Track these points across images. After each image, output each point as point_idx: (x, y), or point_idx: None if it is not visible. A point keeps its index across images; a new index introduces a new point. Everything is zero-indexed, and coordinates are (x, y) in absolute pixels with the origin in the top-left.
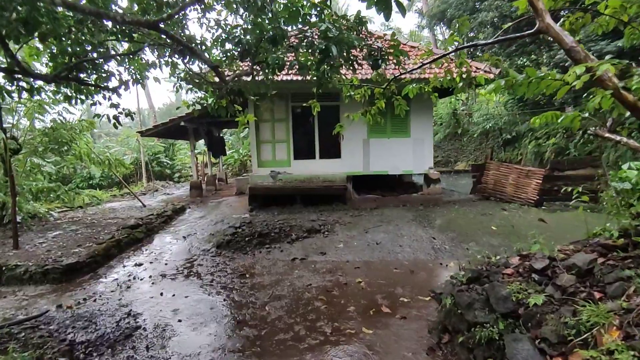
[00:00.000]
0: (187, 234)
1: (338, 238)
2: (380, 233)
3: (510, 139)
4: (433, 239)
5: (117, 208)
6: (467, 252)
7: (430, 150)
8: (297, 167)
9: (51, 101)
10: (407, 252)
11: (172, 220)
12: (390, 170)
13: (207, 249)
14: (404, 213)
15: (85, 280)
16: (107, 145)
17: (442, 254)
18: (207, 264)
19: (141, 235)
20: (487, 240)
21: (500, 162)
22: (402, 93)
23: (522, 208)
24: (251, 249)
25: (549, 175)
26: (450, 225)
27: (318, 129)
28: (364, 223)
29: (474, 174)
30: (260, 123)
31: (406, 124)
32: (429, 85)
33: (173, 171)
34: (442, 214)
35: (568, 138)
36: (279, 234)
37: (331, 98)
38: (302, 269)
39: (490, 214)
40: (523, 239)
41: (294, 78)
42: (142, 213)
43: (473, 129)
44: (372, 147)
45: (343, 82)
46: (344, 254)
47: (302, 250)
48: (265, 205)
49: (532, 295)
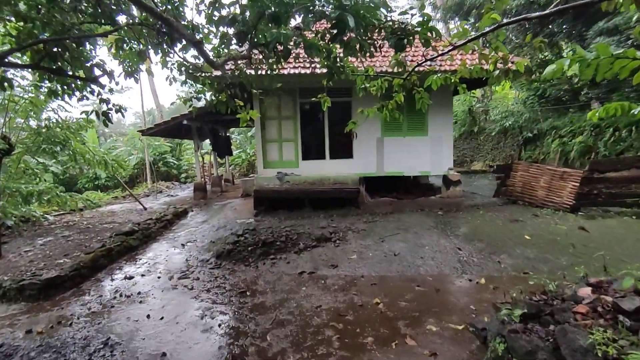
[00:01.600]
0: (186, 241)
1: (351, 248)
2: (398, 242)
3: (531, 138)
4: (458, 250)
5: (116, 211)
6: (499, 266)
7: (449, 149)
8: (305, 168)
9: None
10: (430, 266)
11: (172, 225)
12: (407, 172)
13: (206, 259)
14: (423, 219)
15: (65, 298)
16: (114, 145)
17: (470, 267)
18: (204, 278)
19: (136, 243)
20: (522, 252)
21: (530, 162)
22: (425, 85)
23: (557, 214)
24: (254, 260)
25: (588, 178)
26: (477, 233)
27: (328, 127)
28: (380, 230)
29: (499, 176)
30: (265, 121)
31: (423, 121)
32: (455, 75)
33: (180, 171)
34: (467, 220)
35: (597, 136)
36: (285, 243)
37: (342, 93)
38: (310, 286)
39: (522, 221)
40: (564, 251)
41: (302, 71)
42: (142, 217)
43: (490, 127)
44: (387, 146)
45: (357, 73)
46: (358, 267)
47: (310, 262)
48: (272, 209)
49: (630, 353)
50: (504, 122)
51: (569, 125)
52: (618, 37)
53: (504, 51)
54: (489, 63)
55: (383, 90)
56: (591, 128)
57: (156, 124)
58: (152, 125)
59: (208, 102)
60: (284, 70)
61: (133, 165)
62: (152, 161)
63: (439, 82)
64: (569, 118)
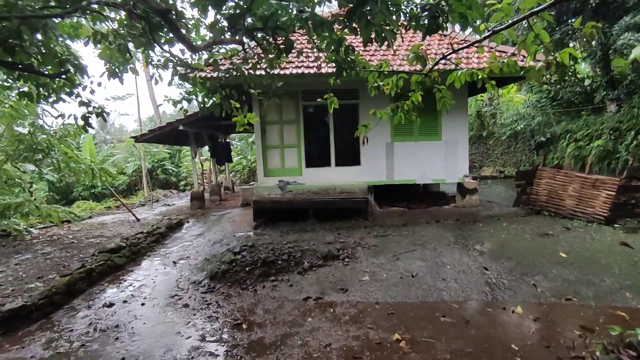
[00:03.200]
0: (178, 257)
1: (362, 267)
2: (415, 260)
3: (543, 142)
4: (485, 270)
5: (107, 223)
6: (535, 290)
7: (465, 154)
8: (309, 176)
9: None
10: (454, 290)
11: (165, 239)
12: (419, 179)
13: (199, 280)
14: (441, 232)
15: (30, 332)
16: (112, 152)
17: (501, 292)
18: (194, 305)
19: (122, 261)
20: (559, 272)
21: (557, 168)
22: (447, 82)
23: (590, 227)
24: (252, 282)
25: (625, 186)
26: (503, 250)
27: (334, 131)
28: (393, 246)
29: (519, 183)
30: (266, 125)
31: (436, 124)
32: (484, 71)
33: (179, 179)
34: (489, 233)
35: (616, 140)
36: (288, 262)
37: (349, 95)
38: (317, 316)
39: (553, 235)
40: (607, 271)
41: (306, 71)
42: (133, 229)
43: (500, 131)
44: (397, 151)
45: (369, 69)
46: (371, 292)
47: (316, 285)
48: (273, 221)
49: None
50: (515, 125)
51: (584, 129)
52: None
53: (546, 39)
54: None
55: (398, 89)
56: (610, 131)
57: (150, 129)
58: (146, 131)
59: (200, 104)
60: (286, 69)
61: (130, 173)
62: (150, 168)
63: (463, 79)
64: (583, 121)
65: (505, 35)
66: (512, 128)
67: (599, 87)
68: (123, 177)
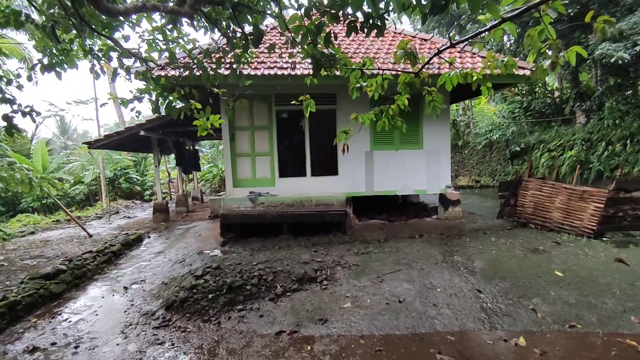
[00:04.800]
0: (131, 281)
1: (342, 291)
2: (401, 282)
3: (518, 152)
4: (478, 293)
5: (53, 240)
6: (535, 316)
7: (447, 164)
8: (283, 186)
9: None
10: (448, 317)
11: (119, 258)
12: (400, 190)
13: (152, 311)
14: (426, 249)
15: None
16: (69, 159)
17: (498, 319)
18: (142, 347)
19: (61, 289)
20: (557, 294)
21: (543, 179)
22: (438, 83)
23: (579, 241)
24: (216, 312)
25: (613, 198)
26: (496, 268)
27: (310, 138)
28: (376, 265)
29: (502, 194)
30: (236, 131)
31: (418, 132)
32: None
33: (144, 188)
34: (478, 249)
35: (588, 150)
36: (258, 286)
37: (326, 99)
38: (292, 356)
39: (544, 251)
40: (607, 292)
41: (279, 72)
42: (83, 247)
43: (475, 141)
44: (377, 161)
45: (351, 67)
46: (354, 322)
47: (291, 315)
48: (242, 236)
49: None
50: (491, 135)
51: (557, 139)
52: (624, 42)
53: (553, 34)
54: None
55: (384, 91)
56: (582, 142)
57: (106, 134)
58: (101, 137)
59: (153, 103)
60: (257, 70)
61: (89, 182)
62: (112, 177)
63: (455, 81)
64: (555, 131)
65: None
66: (487, 137)
67: (568, 99)
68: (81, 186)
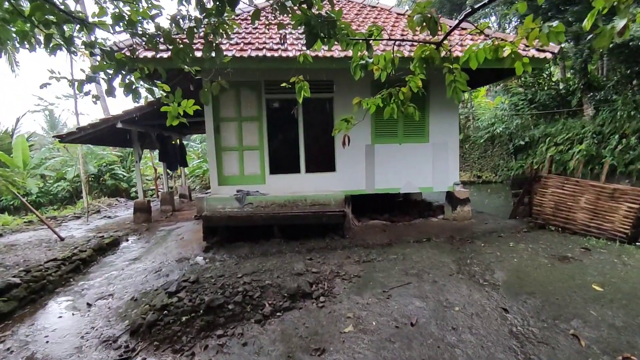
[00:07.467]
0: (97, 296)
1: (342, 310)
2: (411, 299)
3: (522, 146)
4: (505, 313)
5: (19, 244)
6: (577, 344)
7: (455, 159)
8: (274, 184)
9: None
10: (472, 346)
11: (88, 266)
12: (404, 188)
13: (114, 337)
14: (437, 256)
15: None
16: (51, 155)
17: (533, 347)
18: None
19: (11, 307)
20: (600, 314)
21: (565, 176)
22: (461, 60)
23: (612, 246)
24: (190, 339)
25: None
26: (521, 281)
27: (304, 130)
28: (381, 277)
29: (515, 192)
30: (221, 122)
31: (423, 124)
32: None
33: (130, 185)
34: (496, 257)
35: (599, 144)
36: (243, 305)
37: (322, 87)
38: None
39: (573, 259)
40: None
41: (268, 54)
42: (51, 252)
43: (477, 135)
44: (379, 155)
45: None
46: (358, 352)
47: (281, 343)
48: (228, 240)
49: None
50: (493, 128)
51: (564, 133)
52: None
53: None
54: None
55: (393, 70)
56: (593, 135)
57: (79, 127)
58: (74, 130)
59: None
60: (244, 52)
61: (71, 179)
62: (97, 173)
63: (482, 57)
64: (562, 124)
65: None
66: (489, 131)
67: (575, 91)
68: (64, 182)
